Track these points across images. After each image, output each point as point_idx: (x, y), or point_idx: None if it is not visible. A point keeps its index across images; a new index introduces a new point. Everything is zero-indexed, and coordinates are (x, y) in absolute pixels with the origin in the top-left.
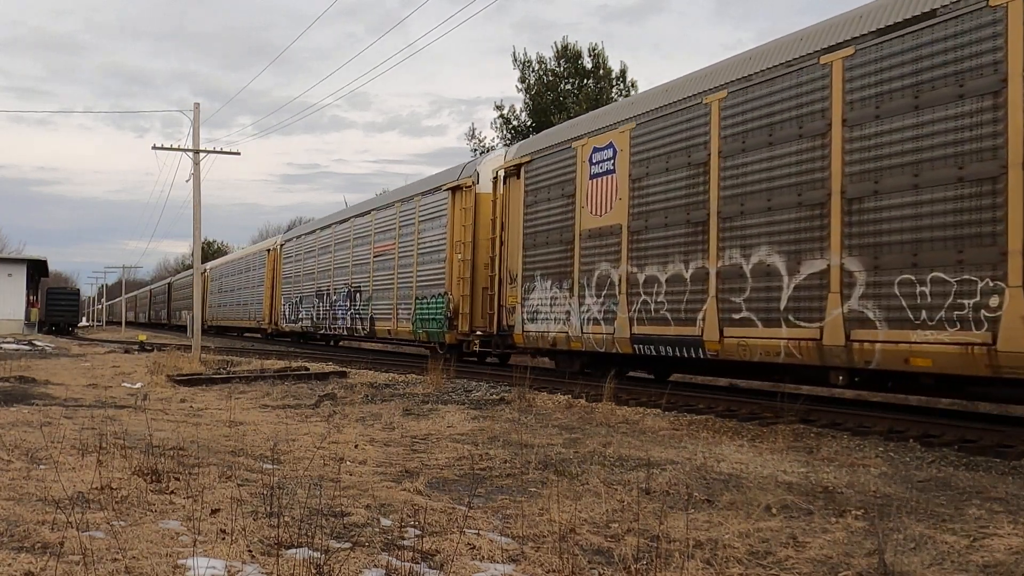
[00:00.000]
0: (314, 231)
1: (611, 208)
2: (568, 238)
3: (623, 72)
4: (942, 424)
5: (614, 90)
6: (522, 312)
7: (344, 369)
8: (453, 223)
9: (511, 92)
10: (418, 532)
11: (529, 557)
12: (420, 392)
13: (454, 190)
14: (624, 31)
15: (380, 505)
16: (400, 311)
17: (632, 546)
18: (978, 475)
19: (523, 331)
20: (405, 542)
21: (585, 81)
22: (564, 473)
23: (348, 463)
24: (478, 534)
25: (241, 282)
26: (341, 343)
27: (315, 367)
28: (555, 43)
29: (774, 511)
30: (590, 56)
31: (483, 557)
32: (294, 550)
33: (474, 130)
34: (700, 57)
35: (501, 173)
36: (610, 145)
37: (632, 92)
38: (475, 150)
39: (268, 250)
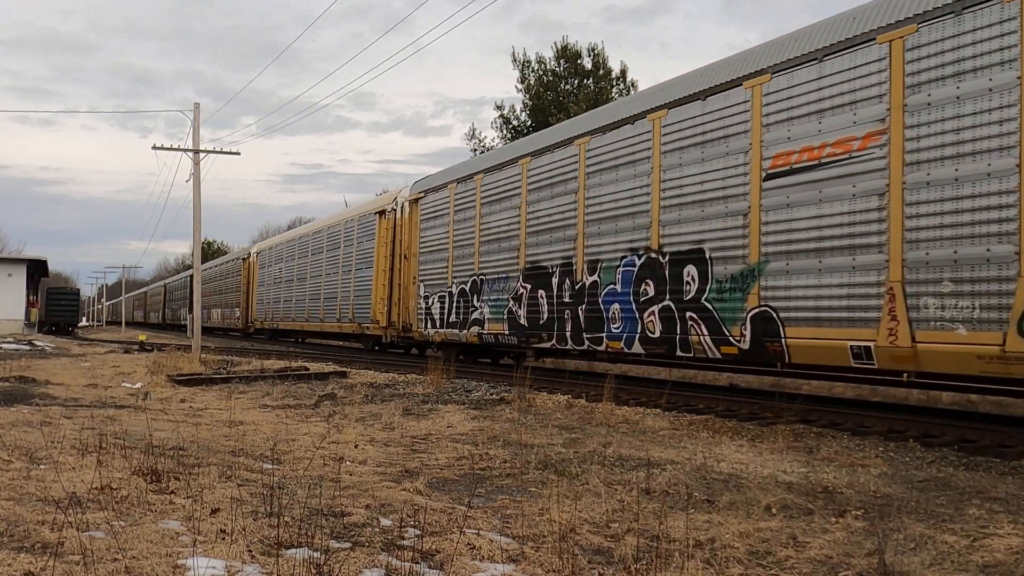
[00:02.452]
0: (508, 163)
1: None
2: None
3: (623, 72)
4: (942, 424)
5: (614, 90)
6: None
7: (344, 369)
8: None
9: (515, 92)
10: (418, 532)
11: (529, 557)
12: (420, 392)
13: None
14: (631, 31)
15: (380, 505)
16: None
17: (632, 546)
18: (978, 475)
19: None
20: (405, 542)
21: (585, 81)
22: (564, 473)
23: (348, 463)
24: (478, 534)
25: (318, 266)
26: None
27: (315, 367)
28: (555, 43)
29: (774, 511)
30: (589, 56)
31: (483, 557)
32: (294, 550)
33: (475, 130)
34: (705, 57)
35: None
36: None
37: (632, 92)
38: (475, 150)
39: (379, 213)
